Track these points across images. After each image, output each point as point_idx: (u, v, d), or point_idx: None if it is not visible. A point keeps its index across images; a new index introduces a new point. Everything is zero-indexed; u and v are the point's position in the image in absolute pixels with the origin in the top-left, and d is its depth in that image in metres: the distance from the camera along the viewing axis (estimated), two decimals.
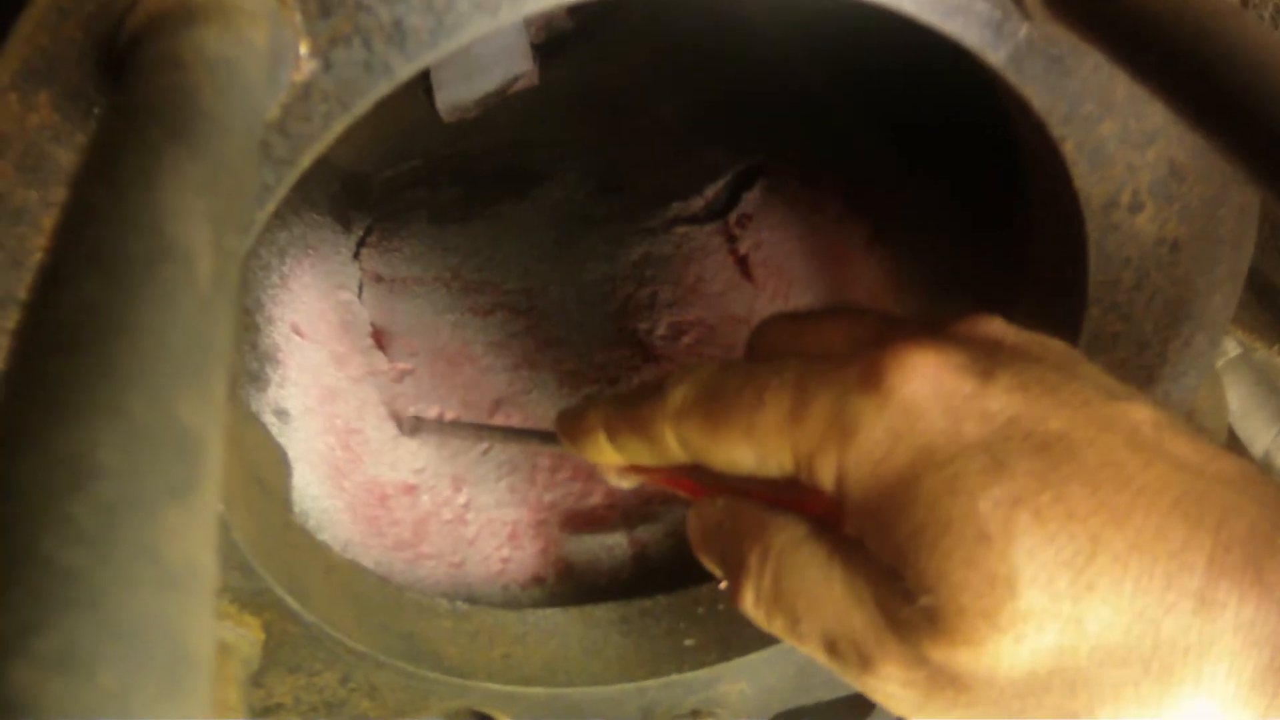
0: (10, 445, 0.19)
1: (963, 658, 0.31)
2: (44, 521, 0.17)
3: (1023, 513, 0.30)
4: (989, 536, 0.30)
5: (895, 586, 0.32)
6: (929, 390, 0.33)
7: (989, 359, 0.34)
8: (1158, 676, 0.30)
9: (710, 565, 0.39)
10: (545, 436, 0.49)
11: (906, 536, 0.31)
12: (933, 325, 0.38)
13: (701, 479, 0.39)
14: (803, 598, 0.34)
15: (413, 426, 0.55)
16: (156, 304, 0.21)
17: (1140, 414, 0.33)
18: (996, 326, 0.37)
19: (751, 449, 0.35)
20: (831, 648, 0.34)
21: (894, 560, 0.32)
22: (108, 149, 0.24)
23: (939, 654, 0.31)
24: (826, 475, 0.33)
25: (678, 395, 0.37)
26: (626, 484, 0.44)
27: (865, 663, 0.33)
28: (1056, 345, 0.38)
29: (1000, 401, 0.32)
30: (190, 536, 0.18)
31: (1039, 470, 0.31)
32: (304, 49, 0.31)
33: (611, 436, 0.40)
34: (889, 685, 0.33)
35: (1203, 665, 0.29)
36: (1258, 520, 0.31)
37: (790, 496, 0.36)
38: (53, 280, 0.21)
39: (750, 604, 0.36)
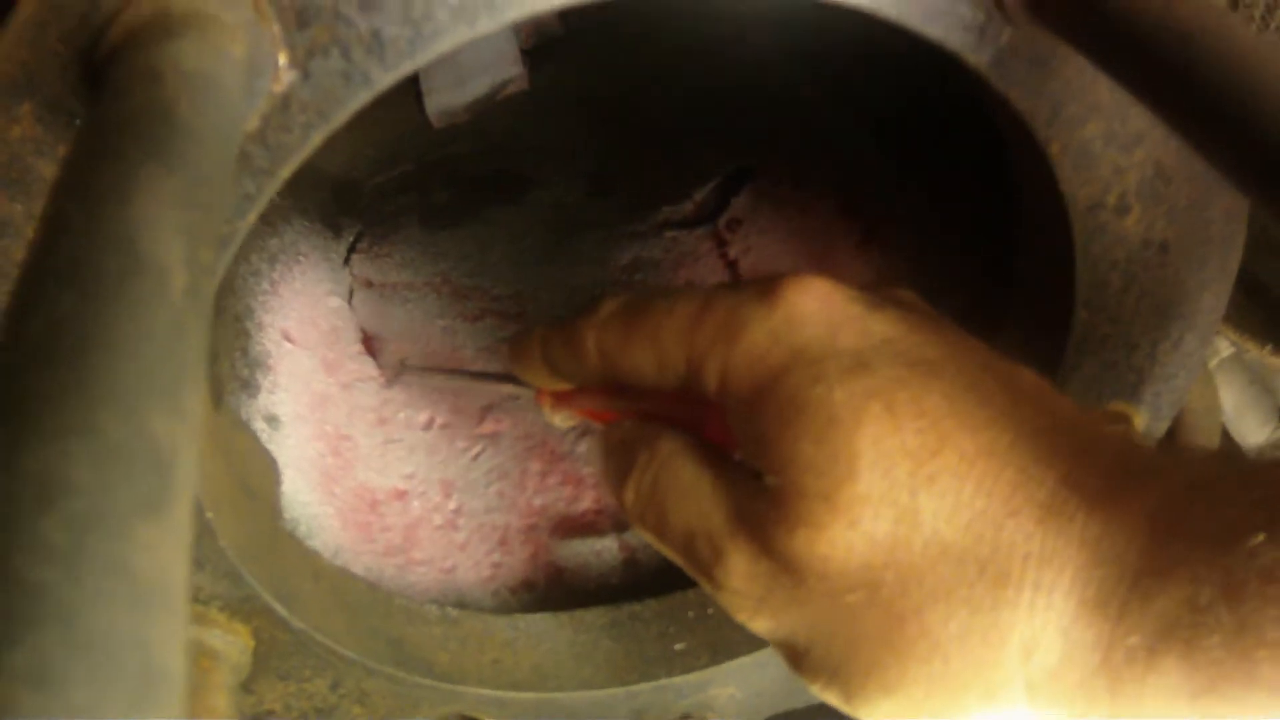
0: None
1: (800, 542, 0.31)
2: (14, 539, 0.17)
3: (875, 403, 0.31)
4: (838, 420, 0.31)
5: (754, 486, 0.34)
6: (816, 306, 0.34)
7: (885, 301, 0.36)
8: (993, 580, 0.29)
9: (608, 490, 0.40)
10: (506, 378, 0.52)
11: (767, 424, 0.33)
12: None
13: (618, 408, 0.42)
14: (674, 495, 0.36)
15: (396, 370, 0.57)
16: (129, 318, 0.21)
17: (1026, 373, 0.34)
18: (909, 294, 0.38)
19: (653, 353, 0.37)
20: (689, 544, 0.35)
21: (757, 453, 0.33)
22: (83, 163, 0.24)
23: (780, 539, 0.32)
24: (712, 376, 0.35)
25: (607, 306, 0.40)
26: (560, 420, 0.46)
27: (716, 556, 0.34)
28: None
29: (880, 326, 0.34)
30: (163, 551, 0.18)
31: (901, 376, 0.32)
32: (283, 60, 0.32)
33: (545, 350, 0.42)
34: (734, 579, 0.34)
35: (1042, 574, 0.29)
36: (1123, 455, 0.30)
37: (689, 420, 0.39)
38: (26, 295, 0.21)
39: (630, 499, 0.38)
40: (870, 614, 0.31)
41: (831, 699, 0.33)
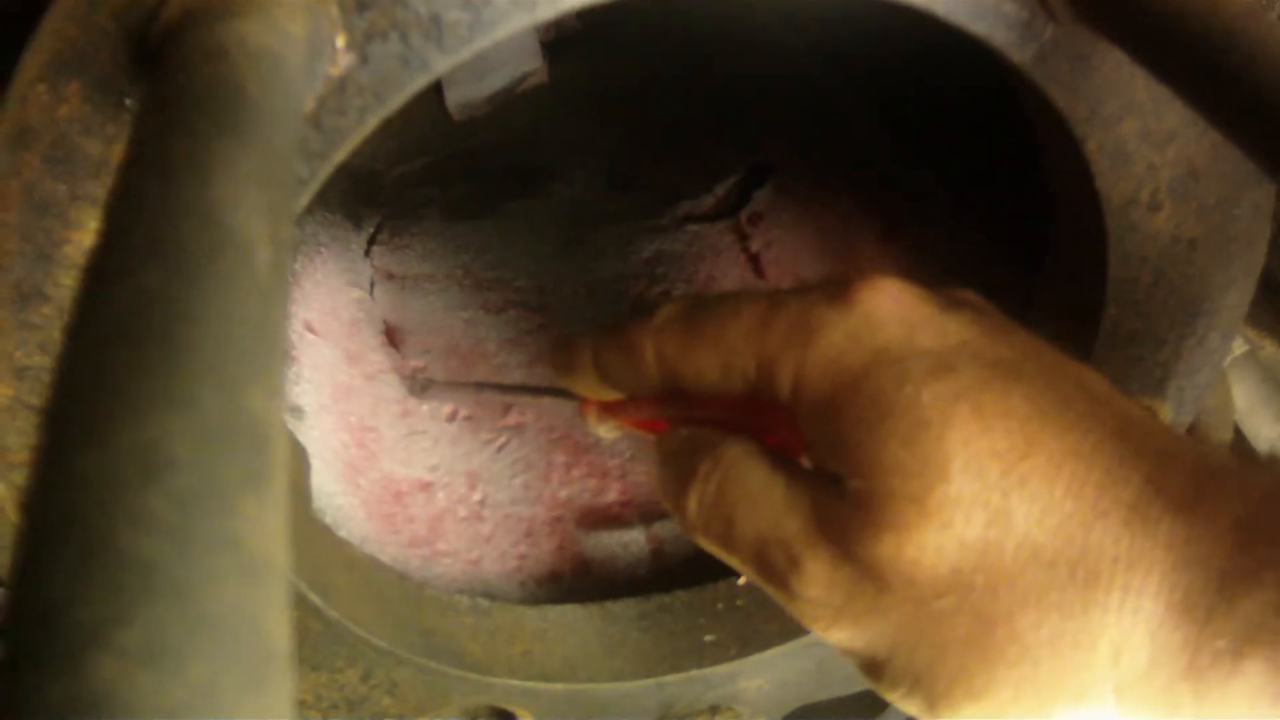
0: (77, 436, 0.18)
1: (887, 546, 0.31)
2: (120, 513, 0.17)
3: (963, 405, 0.31)
4: (927, 422, 0.31)
5: (832, 491, 0.33)
6: (892, 306, 0.34)
7: (955, 303, 0.35)
8: (1084, 583, 0.29)
9: (666, 500, 0.39)
10: (543, 390, 0.51)
11: (849, 426, 0.32)
12: None
13: (671, 417, 0.41)
14: (743, 503, 0.35)
15: (423, 386, 0.55)
16: (219, 294, 0.20)
17: (1094, 375, 0.34)
18: (971, 294, 0.38)
19: (719, 357, 0.36)
20: (761, 552, 0.34)
21: (835, 456, 0.33)
22: (155, 139, 0.24)
23: (864, 545, 0.31)
24: (785, 379, 0.34)
25: (664, 312, 0.38)
26: (605, 431, 0.44)
27: (792, 565, 0.33)
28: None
29: (955, 326, 0.34)
30: (267, 526, 0.18)
31: (983, 377, 0.32)
32: (341, 42, 0.31)
33: (597, 358, 0.40)
34: (812, 588, 0.33)
35: (1131, 577, 0.29)
36: (1201, 459, 0.31)
37: (749, 426, 0.38)
38: (109, 272, 0.21)
39: (693, 509, 0.36)
40: (958, 619, 0.30)
41: (913, 708, 0.33)
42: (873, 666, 0.33)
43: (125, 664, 0.15)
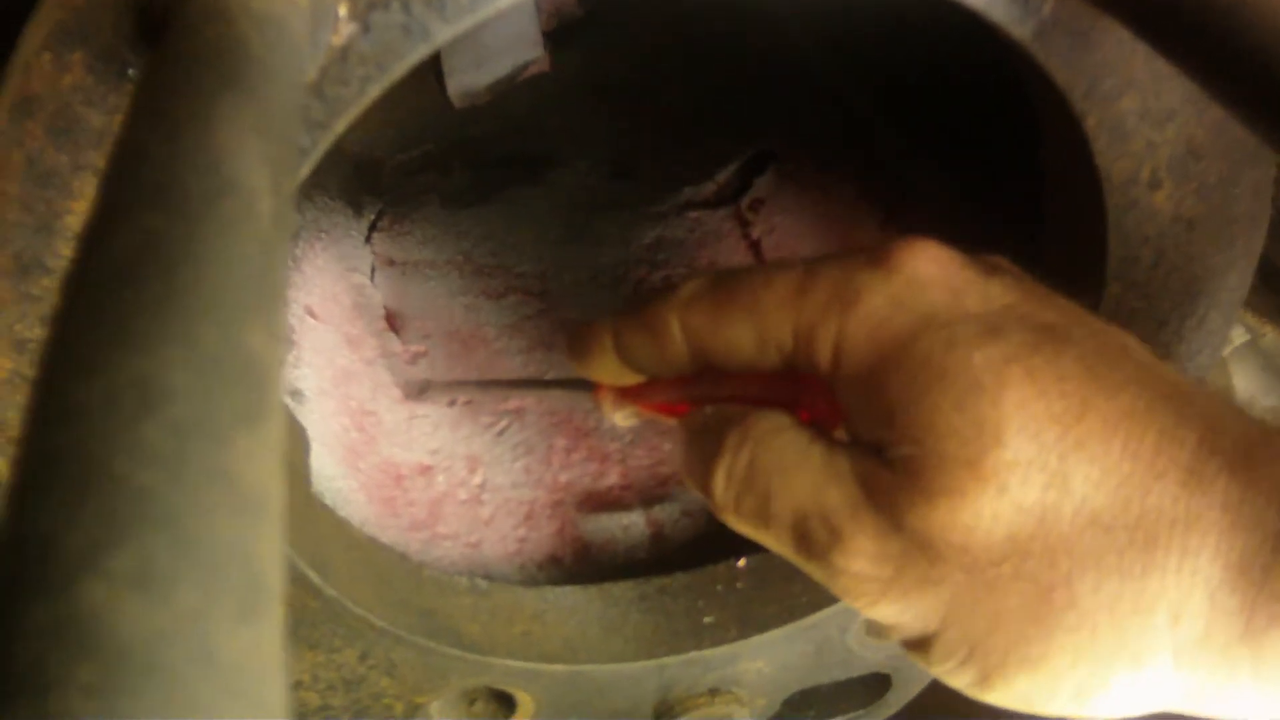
0: (76, 367, 0.18)
1: (941, 513, 0.30)
2: (115, 442, 0.17)
3: (1016, 368, 0.30)
4: (981, 385, 0.30)
5: (877, 460, 0.32)
6: (935, 269, 0.33)
7: (993, 267, 0.35)
8: (1142, 546, 0.29)
9: (692, 480, 0.37)
10: (549, 383, 0.49)
11: (897, 392, 0.31)
12: None
13: (694, 397, 0.39)
14: (777, 475, 0.33)
15: (420, 388, 0.54)
16: (220, 237, 0.20)
17: (1136, 340, 0.33)
18: (1005, 260, 0.37)
19: (753, 328, 0.34)
20: (800, 527, 0.33)
21: (881, 424, 0.31)
22: (158, 93, 0.24)
23: (916, 514, 0.30)
24: (824, 347, 0.33)
25: (689, 286, 0.37)
26: (622, 418, 0.42)
27: (835, 538, 0.32)
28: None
29: (1000, 290, 0.33)
30: (262, 462, 0.18)
31: (1032, 341, 0.31)
32: (343, 11, 0.31)
33: (619, 339, 0.38)
34: (857, 562, 0.31)
35: (1189, 539, 0.28)
36: (1250, 422, 0.30)
37: (779, 401, 0.36)
38: (111, 215, 0.21)
39: (720, 485, 0.35)
40: (1014, 587, 0.29)
41: (963, 681, 0.32)
42: (921, 641, 0.32)
43: (114, 588, 0.15)
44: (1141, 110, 0.41)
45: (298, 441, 0.46)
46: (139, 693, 0.14)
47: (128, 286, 0.19)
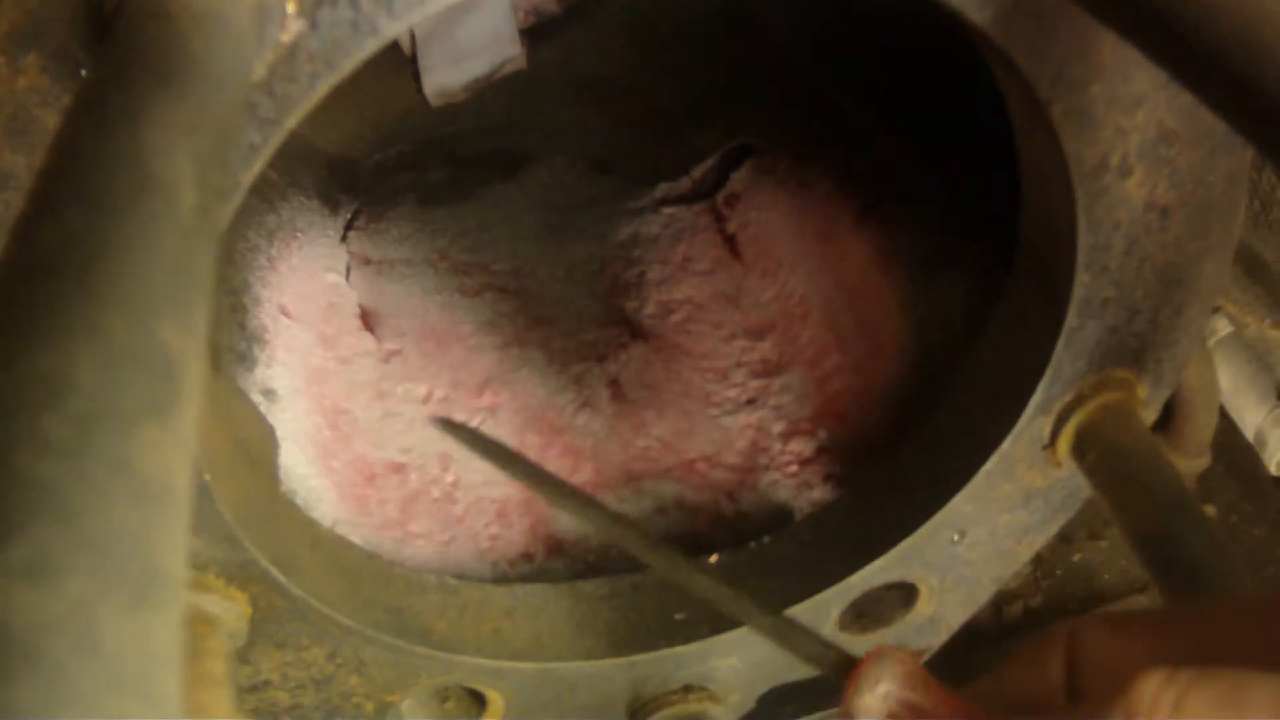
0: None
1: None
2: (16, 434, 0.17)
3: None
4: None
5: None
6: None
7: None
8: None
9: None
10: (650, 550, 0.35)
11: None
12: None
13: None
14: None
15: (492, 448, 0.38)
16: (138, 232, 0.20)
17: None
18: None
19: None
20: None
21: None
22: (95, 91, 0.24)
23: None
24: None
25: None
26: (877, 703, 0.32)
27: None
28: None
29: None
30: (167, 453, 0.18)
31: None
32: (291, 8, 0.31)
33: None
34: None
35: None
36: None
37: None
38: (35, 212, 0.21)
39: None
40: None
41: None
42: None
43: (5, 579, 0.15)
44: (1109, 97, 0.40)
45: (266, 440, 0.46)
46: (17, 680, 0.14)
47: (43, 281, 0.19)
